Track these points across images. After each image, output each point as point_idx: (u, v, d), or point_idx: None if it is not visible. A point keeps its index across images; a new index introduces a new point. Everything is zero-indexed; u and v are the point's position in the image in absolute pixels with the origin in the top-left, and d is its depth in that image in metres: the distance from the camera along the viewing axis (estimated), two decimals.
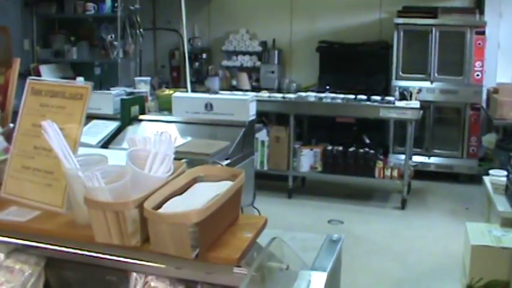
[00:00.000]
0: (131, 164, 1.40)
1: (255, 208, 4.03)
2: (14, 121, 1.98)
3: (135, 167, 1.41)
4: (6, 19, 7.42)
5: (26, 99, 1.73)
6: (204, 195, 1.35)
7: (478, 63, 7.10)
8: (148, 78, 4.84)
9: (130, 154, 1.44)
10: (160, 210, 1.31)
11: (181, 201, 1.36)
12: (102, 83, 6.98)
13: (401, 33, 7.31)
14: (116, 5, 7.56)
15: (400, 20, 7.31)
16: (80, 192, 1.42)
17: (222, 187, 1.41)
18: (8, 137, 1.85)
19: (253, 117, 4.10)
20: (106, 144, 4.01)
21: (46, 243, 1.53)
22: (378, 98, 6.48)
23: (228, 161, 3.56)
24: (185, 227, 1.26)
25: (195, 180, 1.51)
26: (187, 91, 5.00)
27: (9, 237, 1.59)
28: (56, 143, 1.46)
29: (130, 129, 4.20)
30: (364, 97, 6.53)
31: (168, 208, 1.32)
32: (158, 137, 1.49)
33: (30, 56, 7.90)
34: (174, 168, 1.50)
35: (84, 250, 1.50)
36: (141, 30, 7.73)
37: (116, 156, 1.63)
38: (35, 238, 1.53)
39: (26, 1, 7.81)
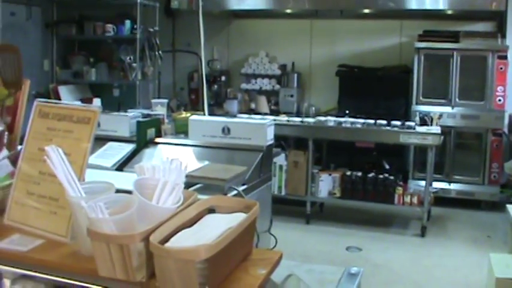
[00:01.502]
0: (138, 193, 1.31)
1: (272, 235, 3.94)
2: (21, 144, 1.92)
3: (143, 196, 1.33)
4: (27, 40, 7.46)
5: (32, 122, 1.66)
6: (215, 228, 1.26)
7: (500, 88, 6.97)
8: (165, 100, 4.78)
9: (138, 183, 1.36)
10: (168, 245, 1.22)
11: (190, 234, 1.27)
12: (121, 105, 6.94)
13: (422, 58, 7.21)
14: (135, 26, 7.56)
15: (421, 44, 7.21)
16: (84, 222, 1.34)
17: (235, 219, 1.32)
18: (15, 161, 1.78)
19: (271, 142, 4.02)
20: (121, 167, 3.94)
21: (48, 274, 1.45)
22: (398, 123, 6.37)
23: (244, 187, 3.48)
24: (193, 263, 1.17)
25: (206, 212, 1.42)
26: (204, 114, 4.93)
27: (10, 266, 1.51)
28: (60, 169, 1.39)
29: (146, 152, 4.13)
30: (384, 122, 6.42)
31: (176, 242, 1.24)
32: (168, 165, 1.41)
33: (49, 76, 7.92)
34: (184, 198, 1.41)
35: (87, 283, 1.41)
36: (160, 52, 7.73)
37: (130, 180, 1.54)
38: (37, 269, 1.45)
39: (46, 22, 7.84)
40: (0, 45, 2.11)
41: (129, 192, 1.43)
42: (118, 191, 1.50)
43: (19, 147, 1.92)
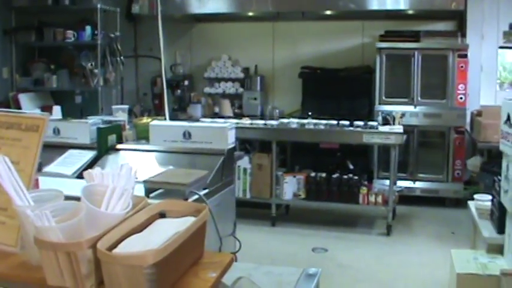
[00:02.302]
0: (86, 200, 1.30)
1: (236, 238, 3.93)
2: None
3: (92, 203, 1.31)
4: None
5: None
6: (163, 233, 1.26)
7: (461, 86, 7.07)
8: (126, 106, 4.76)
9: (86, 190, 1.34)
10: (115, 251, 1.21)
11: (139, 240, 1.26)
12: (83, 112, 6.89)
13: (384, 58, 7.27)
14: (96, 32, 7.50)
15: (383, 44, 7.28)
16: (31, 231, 1.32)
17: (184, 224, 1.31)
18: None
19: (233, 145, 4.01)
20: (82, 174, 3.89)
21: None
22: (360, 123, 6.41)
23: (206, 191, 3.46)
24: (141, 269, 1.16)
25: (157, 217, 1.41)
26: (165, 119, 4.91)
27: None
28: (6, 178, 1.36)
29: (107, 159, 4.10)
30: (347, 122, 6.46)
31: (124, 248, 1.23)
32: (118, 171, 1.40)
33: (9, 84, 7.80)
34: (134, 204, 1.40)
35: None
36: (121, 57, 7.68)
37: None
38: None
39: (4, 29, 7.73)
40: None
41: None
42: (74, 198, 1.48)
43: None
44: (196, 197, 3.30)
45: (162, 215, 1.42)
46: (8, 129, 1.59)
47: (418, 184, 7.32)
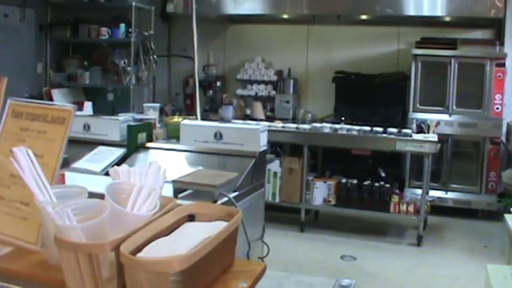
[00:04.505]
0: (110, 199, 1.21)
1: (264, 243, 3.84)
2: None
3: (117, 202, 1.23)
4: (21, 42, 7.38)
5: (5, 122, 1.57)
6: (192, 238, 1.16)
7: (497, 96, 6.91)
8: (158, 105, 4.70)
9: (111, 188, 1.26)
10: (140, 255, 1.12)
11: (166, 244, 1.17)
12: (115, 109, 6.86)
13: (420, 65, 7.14)
14: (130, 30, 7.48)
15: (419, 51, 7.15)
16: (52, 229, 1.24)
17: (214, 228, 1.22)
18: None
19: (265, 148, 3.93)
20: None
21: (14, 284, 1.34)
22: (394, 130, 6.29)
23: (236, 193, 3.39)
24: (166, 276, 1.07)
25: (185, 219, 1.32)
26: (197, 119, 4.84)
27: None
28: (28, 172, 1.29)
29: (136, 157, 4.04)
30: (380, 129, 6.34)
31: (150, 252, 1.13)
32: (145, 169, 1.31)
33: (43, 79, 7.83)
34: (161, 205, 1.31)
35: None
36: (154, 56, 7.65)
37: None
38: (2, 279, 1.34)
39: (40, 24, 7.75)
40: None
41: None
42: (99, 196, 1.40)
43: None
44: (225, 199, 3.22)
45: (190, 218, 1.33)
46: (33, 120, 1.52)
47: (451, 195, 7.16)
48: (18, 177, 1.48)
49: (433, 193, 6.96)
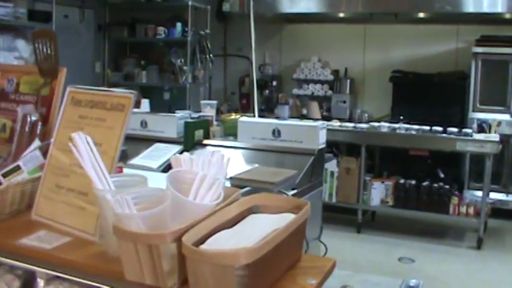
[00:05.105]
0: (172, 188, 1.15)
1: (322, 242, 3.76)
2: None
3: (178, 191, 1.16)
4: (80, 42, 7.49)
5: (64, 110, 1.53)
6: (259, 230, 1.09)
7: None
8: (215, 102, 4.64)
9: (172, 176, 1.19)
10: (203, 246, 1.05)
11: (230, 236, 1.10)
12: (171, 108, 6.87)
13: (480, 63, 6.91)
14: (186, 29, 7.49)
15: (479, 49, 6.92)
16: (111, 219, 1.18)
17: (282, 220, 1.14)
18: (46, 153, 1.65)
19: (323, 146, 3.83)
20: (167, 169, 3.80)
21: (71, 275, 1.30)
22: (454, 130, 6.10)
23: (294, 191, 3.30)
24: (232, 269, 0.99)
25: (250, 211, 1.24)
26: (254, 116, 4.77)
27: (34, 265, 1.37)
28: (87, 159, 1.24)
29: (193, 154, 4.00)
30: (439, 129, 6.15)
31: (214, 244, 1.06)
32: (208, 157, 1.24)
33: (101, 78, 7.93)
34: (225, 195, 1.23)
35: None
36: (210, 55, 7.65)
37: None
38: (59, 269, 1.30)
39: (99, 25, 7.85)
40: (36, 30, 1.98)
41: None
42: None
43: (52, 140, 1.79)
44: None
45: (255, 211, 1.25)
46: (93, 108, 1.47)
47: None
48: (77, 166, 1.44)
49: (494, 195, 6.71)
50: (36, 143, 1.68)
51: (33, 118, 1.75)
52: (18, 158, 1.65)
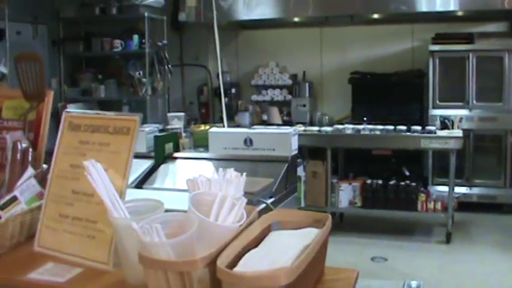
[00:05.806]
0: (196, 211, 1.13)
1: None
2: (46, 162, 1.74)
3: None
4: None
5: (62, 136, 1.48)
6: (288, 248, 1.08)
7: None
8: (182, 114, 4.61)
9: (194, 198, 1.17)
10: (237, 269, 1.04)
11: (260, 256, 1.08)
12: None
13: (437, 61, 7.04)
14: (143, 41, 7.42)
15: (435, 47, 7.05)
16: (131, 247, 1.15)
17: (307, 235, 1.13)
18: (42, 181, 1.61)
19: (296, 152, 3.85)
20: (140, 183, 3.77)
21: None
22: (418, 128, 6.18)
23: (272, 199, 3.30)
24: None
25: (268, 229, 1.23)
26: (223, 126, 4.76)
27: None
28: (101, 187, 1.21)
29: (165, 168, 3.96)
30: (404, 128, 6.23)
31: (246, 266, 1.04)
32: (221, 176, 1.23)
33: (57, 95, 7.76)
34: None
35: None
36: (169, 66, 7.58)
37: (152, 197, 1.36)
38: None
39: (53, 40, 7.70)
40: (20, 53, 1.92)
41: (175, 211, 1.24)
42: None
43: (44, 166, 1.74)
44: (263, 206, 3.13)
45: (273, 228, 1.24)
46: (94, 132, 1.44)
47: (475, 190, 7.07)
48: (82, 194, 1.41)
49: (458, 189, 6.82)
50: (30, 171, 1.63)
51: (24, 145, 1.70)
52: (13, 188, 1.60)
